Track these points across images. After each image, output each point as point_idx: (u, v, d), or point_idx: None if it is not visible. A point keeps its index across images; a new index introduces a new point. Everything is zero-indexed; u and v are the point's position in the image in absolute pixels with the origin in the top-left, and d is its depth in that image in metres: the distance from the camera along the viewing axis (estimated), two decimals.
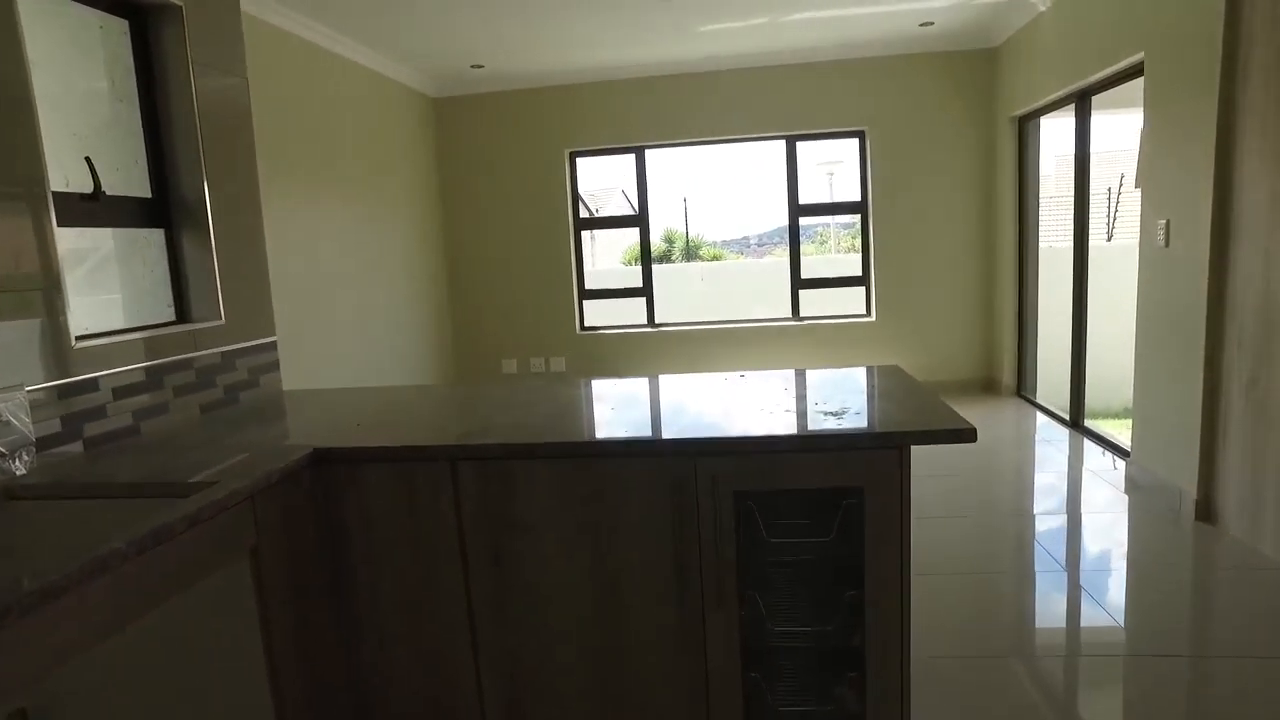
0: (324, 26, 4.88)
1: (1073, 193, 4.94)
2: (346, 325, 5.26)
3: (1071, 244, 5.00)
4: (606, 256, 16.63)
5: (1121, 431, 6.18)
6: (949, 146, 6.25)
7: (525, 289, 6.90)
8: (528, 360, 6.98)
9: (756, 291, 8.80)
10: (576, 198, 6.89)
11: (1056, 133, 5.96)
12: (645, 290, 6.85)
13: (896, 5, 5.11)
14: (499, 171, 6.79)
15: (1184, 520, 3.61)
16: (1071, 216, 5.01)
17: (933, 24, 5.51)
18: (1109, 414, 5.67)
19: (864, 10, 5.18)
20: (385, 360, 5.78)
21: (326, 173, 5.07)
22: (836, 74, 6.26)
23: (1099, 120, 5.71)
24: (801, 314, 6.72)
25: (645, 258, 6.88)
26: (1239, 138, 3.30)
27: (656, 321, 6.91)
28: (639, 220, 6.85)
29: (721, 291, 10.11)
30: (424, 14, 4.82)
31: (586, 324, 7.01)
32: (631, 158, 6.72)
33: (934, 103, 6.20)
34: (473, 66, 6.11)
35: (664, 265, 16.33)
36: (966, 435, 1.58)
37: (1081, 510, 3.98)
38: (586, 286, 6.96)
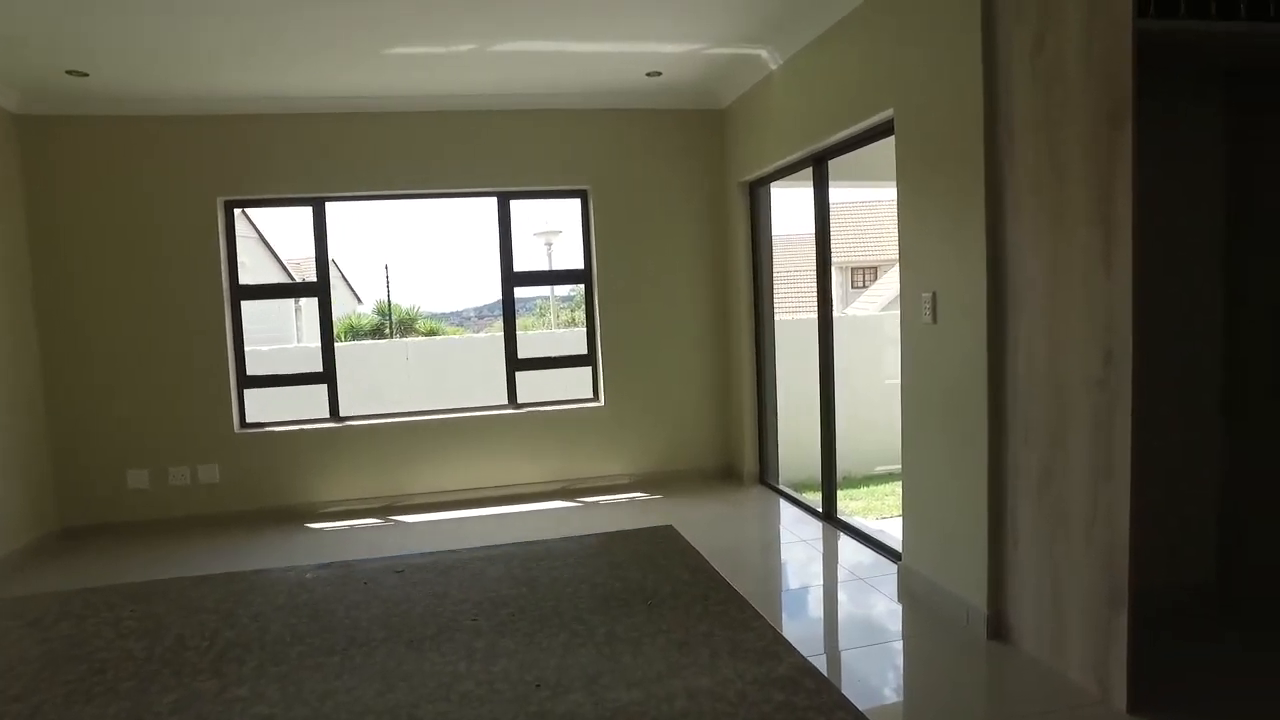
0: None
1: (815, 262, 4.53)
2: None
3: (815, 318, 4.55)
4: (315, 332, 14.51)
5: (870, 513, 5.92)
6: (680, 212, 5.71)
7: (161, 377, 5.14)
8: (165, 470, 5.19)
9: (475, 371, 7.70)
10: (234, 259, 5.36)
11: (779, 202, 5.69)
12: (327, 375, 5.42)
13: (621, 45, 4.45)
14: (123, 223, 5.05)
15: (974, 640, 3.06)
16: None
17: (661, 74, 4.94)
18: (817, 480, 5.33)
19: (586, 48, 4.46)
20: None
21: None
22: (557, 124, 5.49)
23: (794, 197, 5.50)
24: (520, 400, 5.72)
25: (326, 335, 5.47)
26: (1012, 196, 2.89)
27: (341, 415, 5.50)
28: (318, 288, 5.47)
29: (434, 372, 8.84)
30: None
31: (248, 420, 5.41)
32: (309, 210, 5.38)
33: (663, 164, 5.64)
34: (70, 73, 4.47)
35: (373, 342, 14.63)
36: None
37: (845, 627, 3.32)
38: (249, 372, 5.40)
